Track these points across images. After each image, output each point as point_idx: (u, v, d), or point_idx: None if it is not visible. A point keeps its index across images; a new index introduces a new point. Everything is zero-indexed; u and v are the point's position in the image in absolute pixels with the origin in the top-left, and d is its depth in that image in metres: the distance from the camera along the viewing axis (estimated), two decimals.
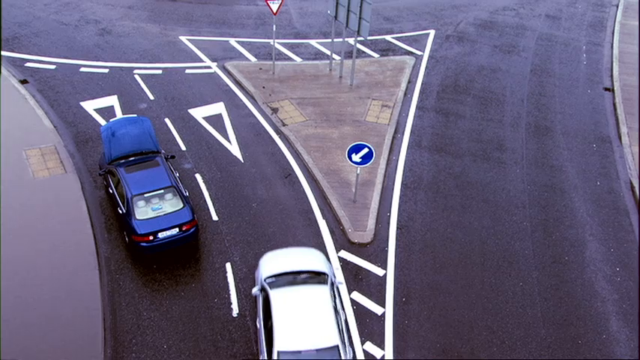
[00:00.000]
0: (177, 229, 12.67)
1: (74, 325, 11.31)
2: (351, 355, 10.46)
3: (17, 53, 19.95)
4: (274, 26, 19.60)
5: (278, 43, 22.09)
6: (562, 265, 13.75)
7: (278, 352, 9.85)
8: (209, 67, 20.26)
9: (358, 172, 14.43)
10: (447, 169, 16.49)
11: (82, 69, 19.51)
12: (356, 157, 13.87)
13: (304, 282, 11.03)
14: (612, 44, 24.41)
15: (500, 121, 18.80)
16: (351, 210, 14.67)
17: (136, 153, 14.11)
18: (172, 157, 14.89)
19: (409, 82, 20.43)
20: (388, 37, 23.33)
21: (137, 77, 19.32)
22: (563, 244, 14.35)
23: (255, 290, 11.34)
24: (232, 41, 22.10)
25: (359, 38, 21.25)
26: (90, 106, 17.74)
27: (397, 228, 14.37)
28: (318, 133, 17.34)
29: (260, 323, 10.78)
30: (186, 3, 24.82)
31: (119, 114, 17.47)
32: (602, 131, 18.79)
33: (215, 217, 14.27)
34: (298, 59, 21.29)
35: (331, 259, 13.35)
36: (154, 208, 12.78)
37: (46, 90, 18.30)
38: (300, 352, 9.87)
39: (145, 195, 12.87)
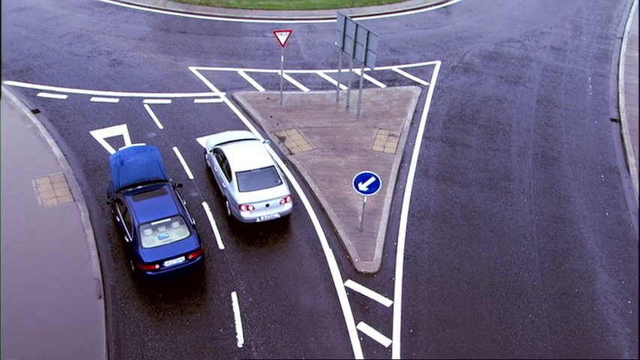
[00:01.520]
0: (183, 258, 12.64)
1: (78, 354, 11.20)
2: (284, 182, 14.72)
3: (30, 84, 20.34)
4: (282, 57, 19.91)
5: (286, 73, 22.40)
6: (572, 297, 13.54)
7: (235, 173, 14.59)
8: (217, 97, 20.53)
9: (365, 201, 14.42)
10: (454, 198, 16.45)
11: (93, 99, 19.83)
12: (362, 186, 13.88)
13: (243, 142, 16.11)
14: (618, 76, 24.55)
15: (507, 151, 18.81)
16: (358, 239, 14.61)
17: (144, 181, 14.20)
18: (180, 185, 14.96)
19: (415, 111, 20.57)
20: (394, 68, 23.61)
21: (147, 107, 19.60)
22: (572, 276, 14.15)
23: (209, 152, 16.20)
24: (241, 72, 22.44)
25: (366, 69, 21.51)
26: (100, 135, 17.96)
27: (404, 258, 14.27)
28: (325, 162, 17.41)
29: (217, 169, 15.45)
30: (196, 35, 25.33)
31: (128, 143, 17.66)
32: (609, 162, 18.74)
33: (221, 246, 14.24)
34: (306, 89, 21.54)
35: (337, 288, 13.23)
36: (161, 237, 12.78)
37: (57, 119, 18.57)
38: (249, 170, 14.69)
39: (152, 223, 12.89)
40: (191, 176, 16.52)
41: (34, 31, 24.20)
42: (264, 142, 16.66)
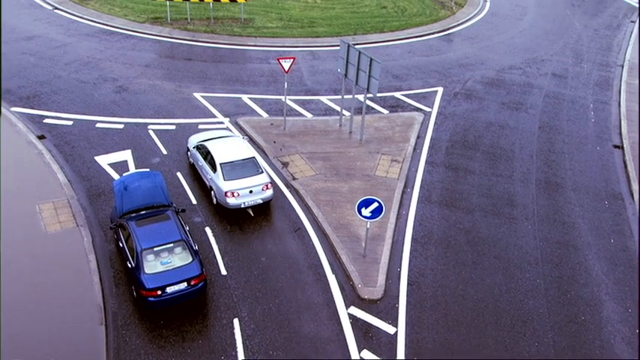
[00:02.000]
0: (185, 284, 12.57)
1: None
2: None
3: (37, 110, 20.57)
4: (286, 83, 20.13)
5: (289, 99, 22.62)
6: (578, 325, 13.35)
7: (220, 164, 15.94)
8: (221, 123, 20.69)
9: (368, 226, 14.38)
10: (457, 224, 16.39)
11: (98, 125, 20.01)
12: (366, 212, 13.86)
13: (223, 138, 17.47)
14: (619, 103, 24.70)
15: (510, 177, 18.82)
16: (361, 265, 14.52)
17: (148, 206, 14.22)
18: (183, 210, 14.97)
19: (418, 137, 20.67)
20: (397, 94, 23.82)
21: (151, 132, 19.75)
22: (578, 303, 13.99)
23: (192, 149, 17.53)
24: (245, 98, 22.67)
25: (368, 95, 21.71)
26: (104, 160, 18.06)
27: (408, 284, 14.15)
28: (328, 187, 17.43)
29: (201, 163, 16.79)
30: (201, 62, 25.68)
31: (132, 168, 17.75)
32: (613, 188, 18.71)
33: (224, 272, 14.17)
34: (309, 115, 21.72)
35: (340, 315, 13.10)
36: (163, 262, 12.73)
37: (62, 145, 18.72)
38: (233, 161, 16.04)
39: (155, 249, 12.86)
40: (194, 201, 16.55)
41: (42, 58, 24.59)
42: (243, 137, 17.81)
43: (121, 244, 13.68)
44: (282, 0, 34.42)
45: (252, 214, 16.20)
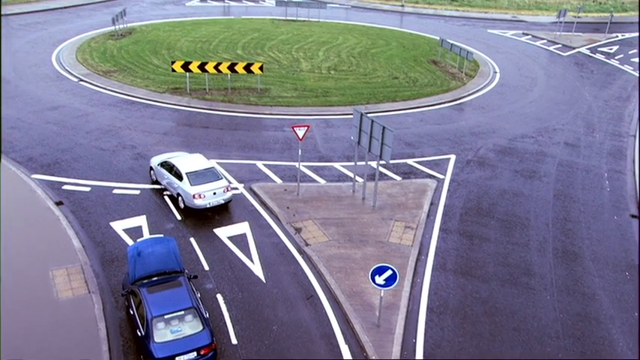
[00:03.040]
0: (195, 353, 12.27)
1: None
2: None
3: (56, 177, 21.06)
4: (300, 150, 20.49)
5: (303, 165, 22.92)
6: None
7: (186, 173, 18.83)
8: (236, 189, 20.93)
9: (382, 294, 14.10)
10: (473, 293, 16.01)
11: (115, 191, 20.36)
12: (379, 279, 13.63)
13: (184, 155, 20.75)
14: (634, 172, 24.61)
15: (527, 245, 18.53)
16: (375, 335, 14.10)
17: (160, 273, 14.16)
18: (195, 277, 14.88)
19: (432, 204, 20.64)
20: (410, 161, 24.06)
21: (166, 198, 20.00)
22: None
23: (156, 167, 20.36)
24: (259, 164, 23.04)
25: (381, 162, 21.92)
26: (119, 226, 18.22)
27: (424, 356, 13.64)
28: (341, 254, 17.28)
29: (167, 177, 19.62)
30: (218, 129, 26.37)
31: (146, 234, 17.85)
32: (633, 259, 18.27)
33: (234, 341, 13.83)
34: (322, 181, 21.92)
35: None
36: (173, 331, 12.51)
37: (79, 211, 18.99)
38: (196, 171, 18.94)
39: (166, 316, 12.68)
40: (207, 267, 16.46)
41: (65, 127, 25.46)
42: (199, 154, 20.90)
43: (131, 312, 13.52)
44: (298, 71, 35.71)
45: (265, 281, 15.99)
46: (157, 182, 20.76)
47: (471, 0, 73.89)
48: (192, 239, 17.76)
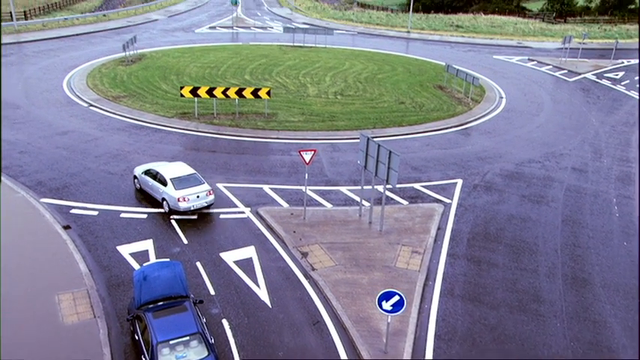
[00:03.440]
0: None
1: None
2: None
3: (65, 201, 21.19)
4: (307, 174, 20.54)
5: (310, 189, 22.94)
6: None
7: (170, 179, 20.15)
8: (242, 213, 20.94)
9: (389, 320, 13.93)
10: (482, 320, 15.78)
11: (123, 214, 20.42)
12: (386, 305, 13.48)
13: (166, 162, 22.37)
14: None
15: (535, 271, 18.32)
16: None
17: (166, 297, 14.10)
18: (200, 301, 14.79)
19: (439, 228, 20.53)
20: (416, 186, 24.03)
21: (173, 222, 20.04)
22: None
23: (140, 175, 21.73)
24: (266, 188, 23.10)
25: (388, 186, 21.92)
26: (126, 250, 18.23)
27: None
28: (348, 279, 17.15)
29: (152, 183, 20.90)
30: (225, 153, 26.54)
31: (152, 258, 17.83)
32: None
33: None
34: (329, 205, 21.90)
35: None
36: (178, 356, 12.39)
37: (86, 235, 19.04)
38: (179, 176, 20.26)
39: (171, 342, 12.58)
40: (212, 292, 16.37)
41: (74, 152, 25.72)
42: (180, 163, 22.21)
43: (136, 337, 13.43)
44: (305, 96, 36.05)
45: (270, 306, 15.88)
46: (140, 190, 22.00)
47: (477, 26, 74.79)
48: (198, 263, 17.72)
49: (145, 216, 20.38)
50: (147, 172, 21.37)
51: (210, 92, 30.12)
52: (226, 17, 70.72)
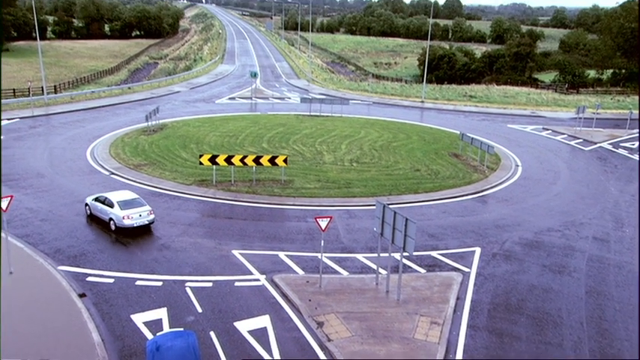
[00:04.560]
0: None
1: None
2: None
3: (82, 268, 21.26)
4: (322, 241, 20.44)
5: (326, 256, 22.73)
6: None
7: (117, 202, 24.28)
8: (257, 280, 20.73)
9: None
10: None
11: (138, 282, 20.35)
12: None
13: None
14: None
15: (560, 345, 17.56)
16: None
17: None
18: None
19: (458, 298, 20.00)
20: (434, 253, 23.68)
21: (188, 290, 19.87)
22: None
23: (90, 202, 25.69)
24: (282, 255, 22.96)
25: (405, 254, 21.65)
26: (139, 319, 18.01)
27: None
28: (365, 350, 16.60)
29: (101, 207, 24.74)
30: (241, 220, 26.66)
31: (166, 327, 17.55)
32: None
33: None
34: (345, 273, 21.60)
35: None
36: None
37: (101, 303, 18.92)
38: (125, 200, 24.57)
39: None
40: None
41: (93, 219, 26.08)
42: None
43: None
44: (321, 163, 36.54)
45: None
46: (91, 216, 25.79)
47: (490, 96, 76.30)
48: (211, 333, 17.37)
49: (160, 284, 20.27)
50: (96, 199, 25.28)
51: (228, 160, 30.74)
52: (245, 89, 73.29)
